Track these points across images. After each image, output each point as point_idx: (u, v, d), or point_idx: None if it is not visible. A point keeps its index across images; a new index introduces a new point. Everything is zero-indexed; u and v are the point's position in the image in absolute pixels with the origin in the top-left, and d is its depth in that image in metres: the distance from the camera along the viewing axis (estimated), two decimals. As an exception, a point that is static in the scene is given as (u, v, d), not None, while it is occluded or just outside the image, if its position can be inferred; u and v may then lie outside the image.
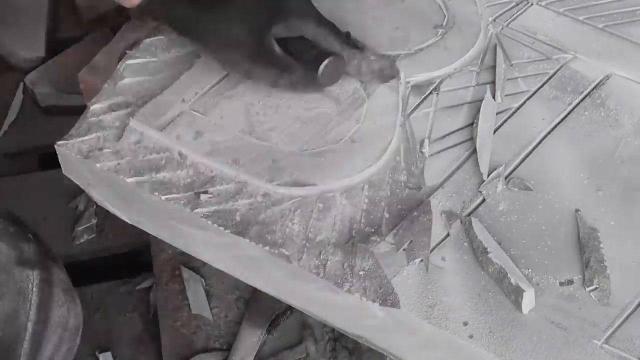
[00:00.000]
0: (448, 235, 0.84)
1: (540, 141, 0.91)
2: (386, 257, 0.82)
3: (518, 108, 0.94)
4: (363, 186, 0.88)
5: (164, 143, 0.91)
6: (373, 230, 0.85)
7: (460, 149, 0.91)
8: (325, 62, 0.91)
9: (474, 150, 0.90)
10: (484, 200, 0.86)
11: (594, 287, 0.79)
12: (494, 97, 0.94)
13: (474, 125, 0.92)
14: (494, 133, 0.92)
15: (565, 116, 0.93)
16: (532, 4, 1.05)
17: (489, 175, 0.88)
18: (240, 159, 0.89)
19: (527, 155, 0.90)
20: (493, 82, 0.96)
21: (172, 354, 1.09)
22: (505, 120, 0.93)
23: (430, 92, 0.96)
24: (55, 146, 0.93)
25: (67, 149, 0.92)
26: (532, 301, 0.78)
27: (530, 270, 0.81)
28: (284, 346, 1.03)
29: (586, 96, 0.95)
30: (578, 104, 0.94)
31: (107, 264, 1.35)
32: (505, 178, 0.88)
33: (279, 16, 0.89)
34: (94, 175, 0.92)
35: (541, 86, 0.96)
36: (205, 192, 0.87)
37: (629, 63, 0.97)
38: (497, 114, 0.93)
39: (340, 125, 0.92)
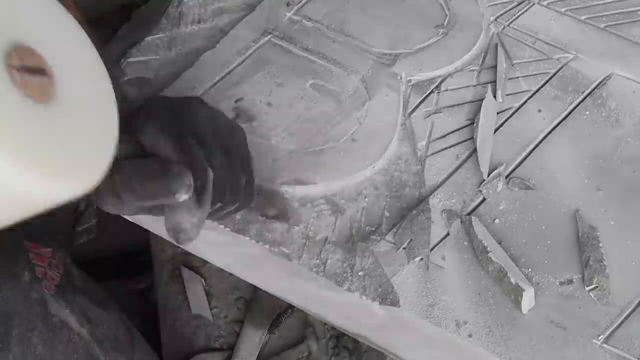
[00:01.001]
0: (448, 234, 0.84)
1: (541, 141, 0.91)
2: (386, 256, 0.82)
3: (519, 107, 0.94)
4: (363, 185, 0.88)
5: (164, 141, 0.91)
6: (373, 229, 0.85)
7: (461, 148, 0.91)
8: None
9: (475, 150, 0.90)
10: (484, 199, 0.86)
11: (593, 286, 0.79)
12: (494, 97, 0.94)
13: (475, 124, 0.92)
14: (494, 132, 0.91)
15: (566, 116, 0.93)
16: (533, 4, 1.04)
17: (489, 175, 0.87)
18: (241, 157, 0.89)
19: (528, 155, 0.90)
20: (494, 82, 0.96)
21: (172, 354, 1.08)
22: (506, 120, 0.93)
23: (431, 92, 0.96)
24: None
25: (68, 147, 0.92)
26: (532, 300, 0.78)
27: (530, 269, 0.81)
28: (286, 345, 1.02)
29: (587, 96, 0.95)
30: (579, 103, 0.94)
31: (107, 264, 1.35)
32: (506, 177, 0.88)
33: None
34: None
35: (542, 86, 0.96)
36: (206, 191, 0.87)
37: (630, 63, 0.97)
38: (497, 113, 0.93)
39: (341, 124, 0.92)
